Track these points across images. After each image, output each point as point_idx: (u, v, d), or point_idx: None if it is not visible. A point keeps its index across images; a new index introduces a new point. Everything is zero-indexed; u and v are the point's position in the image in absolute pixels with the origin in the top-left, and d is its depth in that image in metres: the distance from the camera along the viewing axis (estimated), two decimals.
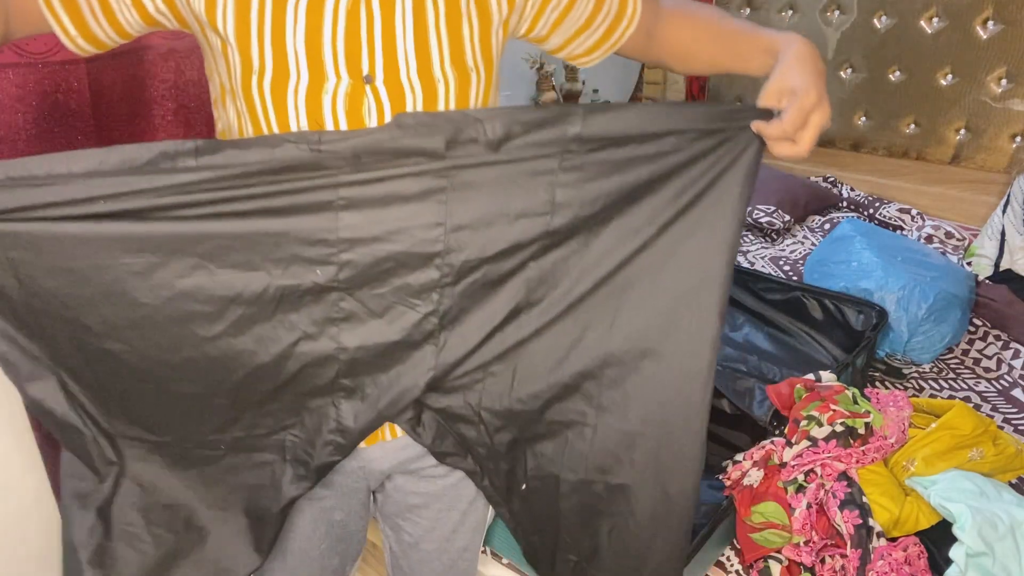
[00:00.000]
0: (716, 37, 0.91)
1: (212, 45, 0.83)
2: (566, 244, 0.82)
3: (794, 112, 0.75)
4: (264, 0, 0.78)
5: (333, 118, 0.80)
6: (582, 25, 0.93)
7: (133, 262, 0.74)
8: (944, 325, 1.61)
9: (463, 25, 0.81)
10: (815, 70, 0.77)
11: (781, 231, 2.27)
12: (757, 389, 1.36)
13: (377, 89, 0.80)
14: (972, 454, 1.12)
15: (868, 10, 2.32)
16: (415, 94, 0.80)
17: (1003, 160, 2.24)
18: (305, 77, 0.79)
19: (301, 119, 0.80)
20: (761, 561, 1.10)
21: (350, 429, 0.84)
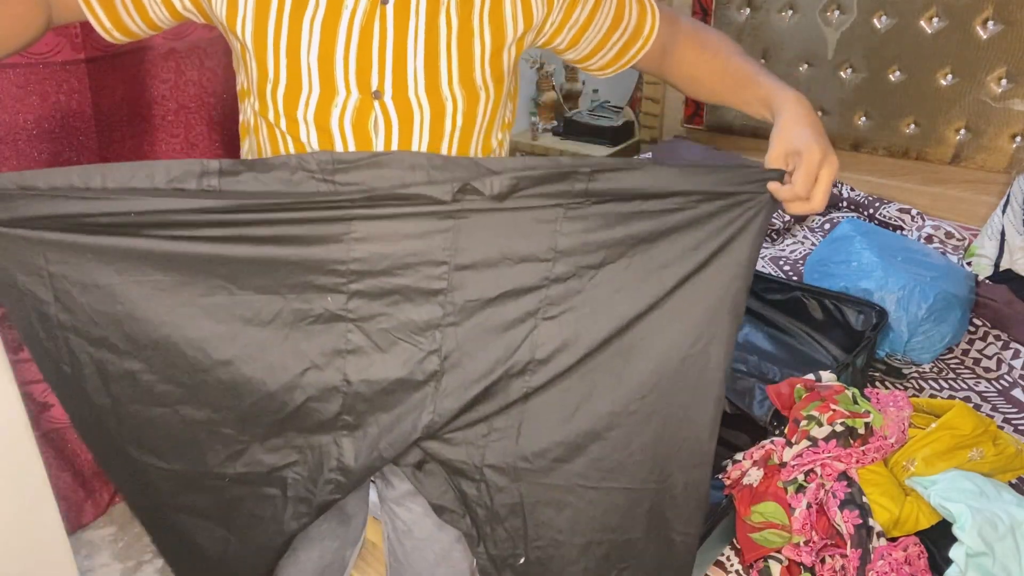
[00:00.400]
0: (722, 72, 0.92)
1: (234, 46, 0.85)
2: (571, 300, 0.82)
3: (803, 173, 0.77)
4: (281, 12, 0.79)
5: (340, 131, 0.81)
6: (598, 43, 0.93)
7: (162, 279, 0.77)
8: (944, 325, 1.61)
9: (475, 44, 0.82)
10: (813, 127, 0.79)
11: (781, 231, 2.27)
12: (757, 389, 1.36)
13: (385, 105, 0.81)
14: (972, 454, 1.12)
15: (868, 10, 2.32)
16: (423, 111, 0.82)
17: (1003, 160, 2.24)
18: (316, 90, 0.80)
19: (311, 129, 0.82)
20: (761, 561, 1.10)
21: (351, 468, 0.85)
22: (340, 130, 0.81)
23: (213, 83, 1.66)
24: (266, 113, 0.84)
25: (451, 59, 0.81)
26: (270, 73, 0.81)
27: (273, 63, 0.80)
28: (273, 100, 0.82)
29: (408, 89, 0.81)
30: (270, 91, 0.82)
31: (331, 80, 0.80)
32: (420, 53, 0.80)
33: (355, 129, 0.81)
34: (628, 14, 0.93)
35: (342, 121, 0.81)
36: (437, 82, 0.81)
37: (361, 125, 0.81)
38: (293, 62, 0.80)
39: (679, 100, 2.81)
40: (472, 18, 0.81)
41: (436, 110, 0.82)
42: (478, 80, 0.83)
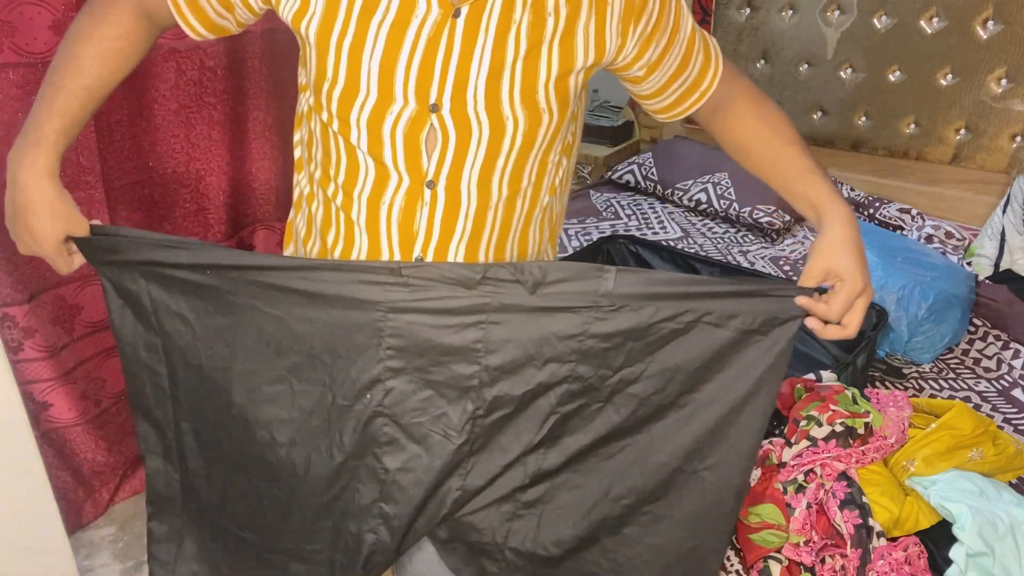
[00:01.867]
0: (776, 156, 0.91)
1: (299, 42, 0.86)
2: (590, 395, 0.86)
3: (842, 300, 0.79)
4: (350, 13, 0.79)
5: (391, 139, 0.82)
6: (662, 85, 0.92)
7: (240, 368, 0.87)
8: (944, 325, 1.61)
9: (540, 66, 0.81)
10: (859, 253, 0.81)
11: (781, 231, 2.27)
12: None
13: (443, 118, 0.80)
14: (972, 454, 1.12)
15: (868, 10, 2.32)
16: (481, 128, 0.81)
17: (1003, 160, 2.24)
18: (374, 96, 0.80)
19: (362, 133, 0.82)
20: (761, 561, 1.10)
21: (388, 548, 0.91)
22: (391, 138, 0.81)
23: (213, 83, 1.65)
24: (320, 111, 0.84)
25: (514, 79, 0.80)
26: (328, 72, 0.81)
27: (333, 63, 0.80)
28: (328, 100, 0.82)
29: (467, 105, 0.80)
30: (326, 90, 0.82)
31: (390, 87, 0.79)
32: (484, 70, 0.79)
33: (406, 139, 0.81)
34: (693, 62, 0.91)
35: (395, 130, 0.81)
36: (498, 100, 0.80)
37: (413, 136, 0.81)
38: (354, 64, 0.79)
39: None
40: (542, 42, 0.80)
41: (496, 128, 0.81)
42: (541, 102, 0.82)
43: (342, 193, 0.85)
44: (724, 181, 2.37)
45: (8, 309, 1.53)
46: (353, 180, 0.84)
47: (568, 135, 0.89)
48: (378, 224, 0.84)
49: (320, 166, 0.87)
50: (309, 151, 0.90)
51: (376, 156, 0.82)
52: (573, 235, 2.28)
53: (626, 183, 2.61)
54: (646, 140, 2.95)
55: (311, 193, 0.91)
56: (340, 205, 0.86)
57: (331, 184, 0.86)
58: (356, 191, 0.84)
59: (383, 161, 0.82)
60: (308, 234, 0.94)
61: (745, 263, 2.10)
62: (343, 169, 0.84)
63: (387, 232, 0.84)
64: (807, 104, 2.51)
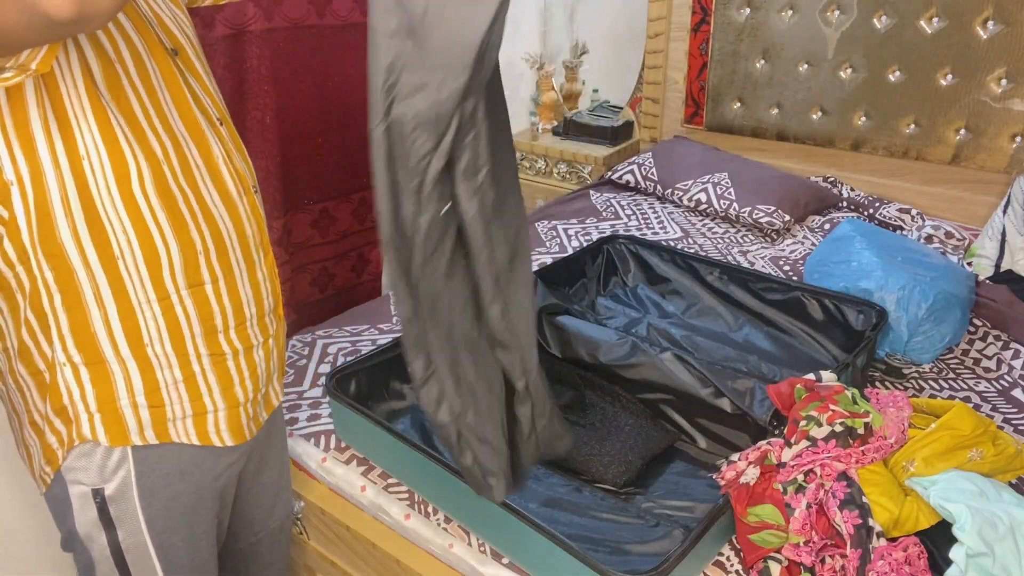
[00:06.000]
0: None
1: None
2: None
3: None
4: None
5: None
6: None
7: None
8: (944, 325, 1.61)
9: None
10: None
11: (781, 231, 2.27)
12: (757, 389, 1.36)
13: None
14: (972, 454, 1.12)
15: (868, 10, 2.32)
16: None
17: (1003, 160, 2.24)
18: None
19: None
20: (760, 561, 1.10)
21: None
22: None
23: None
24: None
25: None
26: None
27: None
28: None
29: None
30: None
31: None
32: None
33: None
34: None
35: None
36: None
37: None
38: None
39: (679, 100, 2.81)
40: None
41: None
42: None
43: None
44: (724, 181, 2.37)
45: None
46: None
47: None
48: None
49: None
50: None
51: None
52: (573, 235, 2.28)
53: (626, 183, 2.61)
54: (646, 140, 2.94)
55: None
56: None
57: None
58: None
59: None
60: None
61: (745, 263, 2.09)
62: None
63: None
64: (807, 104, 2.51)
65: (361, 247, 2.15)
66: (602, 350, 1.51)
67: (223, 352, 0.91)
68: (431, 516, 1.26)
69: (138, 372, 0.85)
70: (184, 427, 0.90)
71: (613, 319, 1.79)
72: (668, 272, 1.90)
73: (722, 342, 1.66)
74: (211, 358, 0.90)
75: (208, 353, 0.90)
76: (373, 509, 1.32)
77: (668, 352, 1.45)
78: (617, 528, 1.21)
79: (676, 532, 1.19)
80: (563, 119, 3.05)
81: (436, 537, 1.23)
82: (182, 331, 0.87)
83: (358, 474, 1.35)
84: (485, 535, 1.20)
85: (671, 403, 1.45)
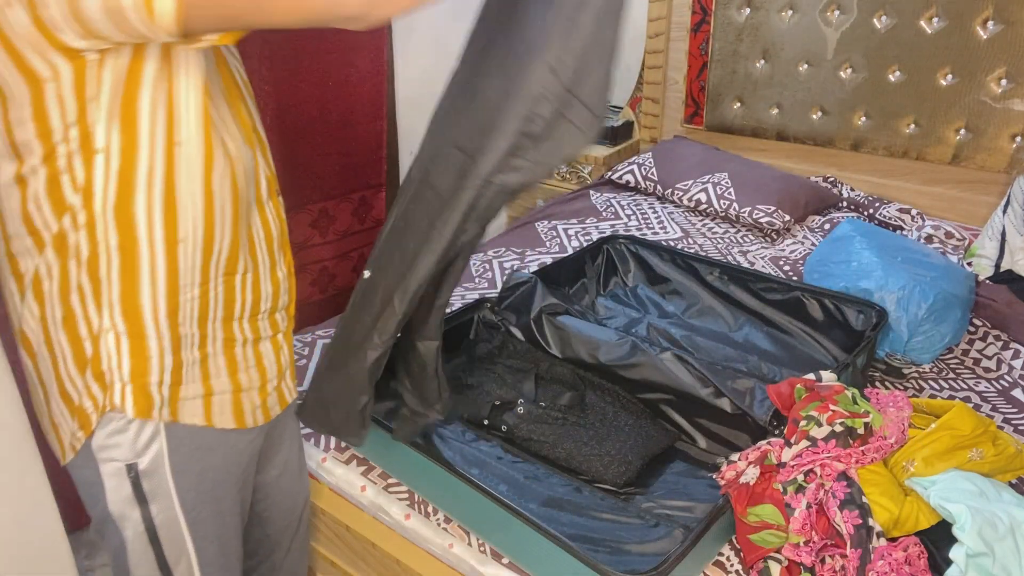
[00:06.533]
0: None
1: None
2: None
3: None
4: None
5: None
6: None
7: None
8: (944, 325, 1.61)
9: None
10: None
11: (781, 231, 2.27)
12: (757, 389, 1.36)
13: None
14: (972, 454, 1.12)
15: (868, 10, 2.32)
16: None
17: (1003, 160, 2.24)
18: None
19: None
20: (760, 561, 1.10)
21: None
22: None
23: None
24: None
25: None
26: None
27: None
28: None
29: None
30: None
31: None
32: None
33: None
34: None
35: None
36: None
37: None
38: None
39: (679, 100, 2.81)
40: None
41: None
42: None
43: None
44: (724, 181, 2.37)
45: None
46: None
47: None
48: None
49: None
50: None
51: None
52: (573, 235, 2.28)
53: (626, 183, 2.61)
54: (646, 140, 2.94)
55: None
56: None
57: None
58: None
59: None
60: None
61: (745, 263, 2.10)
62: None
63: None
64: (807, 104, 2.51)
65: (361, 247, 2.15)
66: (602, 350, 1.51)
67: (234, 338, 0.95)
68: (431, 516, 1.26)
69: (170, 351, 0.89)
70: (192, 407, 0.93)
71: (613, 319, 1.79)
72: (668, 272, 1.90)
73: (722, 342, 1.66)
74: (224, 342, 0.94)
75: (223, 337, 0.94)
76: (373, 509, 1.32)
77: (668, 352, 1.45)
78: (617, 528, 1.21)
79: (676, 532, 1.19)
80: None
81: (436, 537, 1.23)
82: (208, 314, 0.91)
83: (358, 474, 1.35)
84: (485, 535, 1.20)
85: (671, 403, 1.45)
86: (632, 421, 1.42)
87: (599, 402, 1.48)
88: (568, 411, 1.45)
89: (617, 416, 1.43)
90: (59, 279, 0.83)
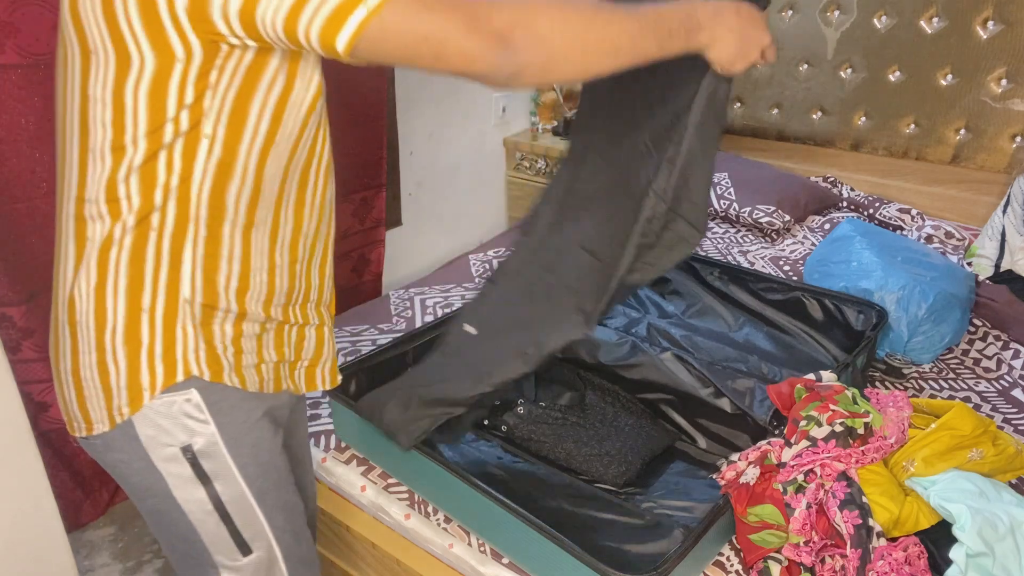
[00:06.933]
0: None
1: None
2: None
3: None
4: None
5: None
6: None
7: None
8: (944, 325, 1.61)
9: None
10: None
11: (781, 231, 2.27)
12: (757, 389, 1.36)
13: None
14: (972, 454, 1.12)
15: (868, 10, 2.32)
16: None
17: (1003, 160, 2.24)
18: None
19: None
20: (761, 561, 1.10)
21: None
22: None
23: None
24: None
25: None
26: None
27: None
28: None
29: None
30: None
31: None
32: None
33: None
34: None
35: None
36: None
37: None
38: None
39: None
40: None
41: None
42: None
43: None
44: (724, 181, 2.37)
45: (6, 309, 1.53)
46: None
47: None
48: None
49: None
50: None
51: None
52: None
53: None
54: None
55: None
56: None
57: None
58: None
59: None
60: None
61: (745, 263, 2.10)
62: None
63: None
64: (807, 104, 2.51)
65: (362, 247, 2.15)
66: (602, 350, 1.51)
67: (288, 320, 0.98)
68: (431, 516, 1.26)
69: (233, 322, 0.91)
70: (250, 375, 0.95)
71: (613, 319, 1.79)
72: (668, 272, 1.90)
73: (722, 342, 1.66)
74: (278, 324, 0.97)
75: (280, 319, 0.97)
76: (373, 509, 1.32)
77: (668, 352, 1.45)
78: (617, 528, 1.21)
79: (676, 532, 1.19)
80: (563, 119, 3.05)
81: (436, 537, 1.23)
82: (273, 298, 0.95)
83: (358, 474, 1.35)
84: (485, 535, 1.20)
85: (671, 403, 1.45)
86: (632, 421, 1.42)
87: (599, 402, 1.48)
88: (568, 411, 1.45)
89: (617, 416, 1.43)
90: (131, 249, 0.84)
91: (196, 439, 0.90)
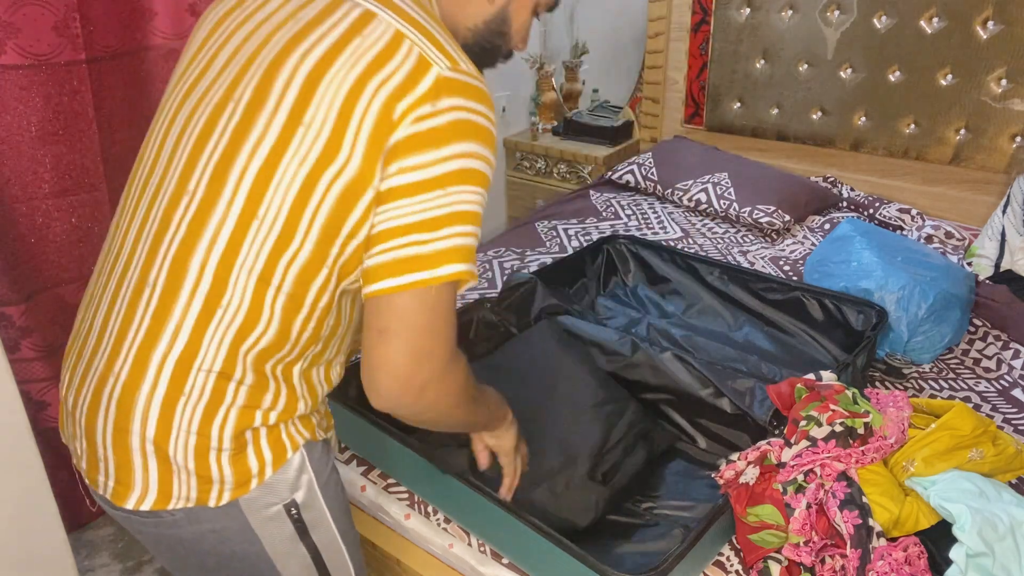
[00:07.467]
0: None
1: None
2: None
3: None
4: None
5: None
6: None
7: None
8: (944, 325, 1.61)
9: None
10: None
11: (781, 231, 2.27)
12: (757, 389, 1.36)
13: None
14: (972, 454, 1.12)
15: (868, 10, 2.32)
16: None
17: (1003, 160, 2.24)
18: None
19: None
20: (760, 561, 1.10)
21: None
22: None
23: None
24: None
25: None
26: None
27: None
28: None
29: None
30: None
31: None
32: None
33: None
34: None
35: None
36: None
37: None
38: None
39: (679, 100, 2.81)
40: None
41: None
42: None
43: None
44: (724, 181, 2.37)
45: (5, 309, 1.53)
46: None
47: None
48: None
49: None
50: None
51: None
52: (573, 235, 2.29)
53: (626, 183, 2.61)
54: (646, 140, 2.95)
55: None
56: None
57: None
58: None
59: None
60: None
61: (745, 263, 2.10)
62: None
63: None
64: (807, 104, 2.51)
65: None
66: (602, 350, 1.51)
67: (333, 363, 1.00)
68: (431, 516, 1.26)
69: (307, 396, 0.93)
70: (319, 424, 0.96)
71: (613, 319, 1.79)
72: (668, 272, 1.90)
73: (722, 342, 1.66)
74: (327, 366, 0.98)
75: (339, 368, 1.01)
76: (373, 509, 1.32)
77: (668, 352, 1.45)
78: (617, 528, 1.21)
79: (676, 532, 1.19)
80: (563, 119, 3.05)
81: (436, 537, 1.23)
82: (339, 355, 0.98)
83: (358, 474, 1.35)
84: (485, 535, 1.20)
85: (671, 403, 1.45)
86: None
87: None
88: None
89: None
90: (331, 327, 0.91)
91: (298, 493, 0.89)
